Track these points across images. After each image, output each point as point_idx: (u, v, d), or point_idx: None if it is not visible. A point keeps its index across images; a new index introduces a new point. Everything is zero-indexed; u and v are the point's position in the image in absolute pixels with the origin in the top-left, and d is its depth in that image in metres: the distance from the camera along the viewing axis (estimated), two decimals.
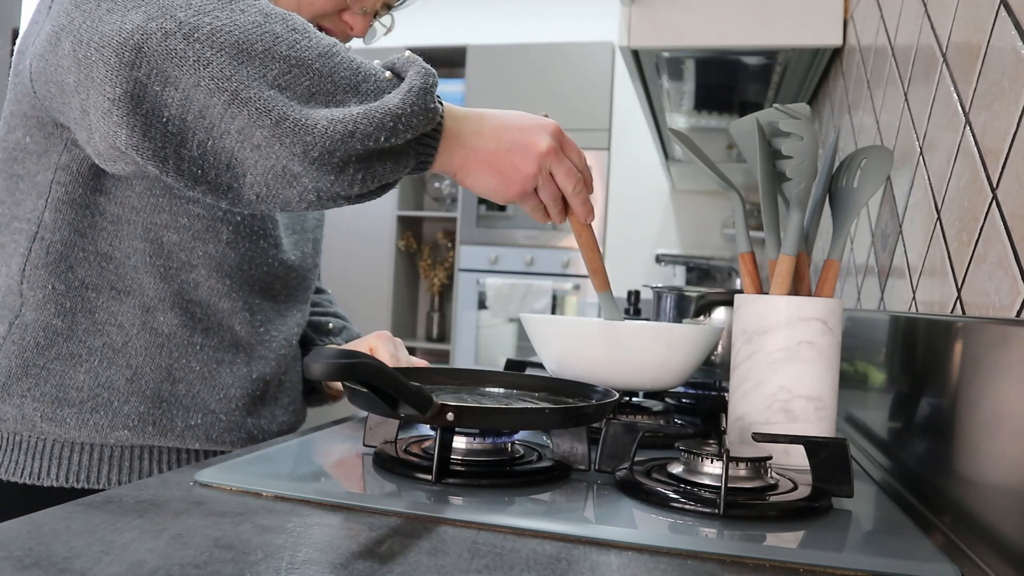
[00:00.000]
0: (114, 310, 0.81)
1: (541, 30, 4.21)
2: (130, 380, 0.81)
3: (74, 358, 0.80)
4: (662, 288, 1.17)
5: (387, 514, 0.52)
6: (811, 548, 0.50)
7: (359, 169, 0.64)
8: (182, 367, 0.83)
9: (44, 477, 0.80)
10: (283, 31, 0.63)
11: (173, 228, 0.81)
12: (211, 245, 0.83)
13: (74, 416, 0.79)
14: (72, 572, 0.39)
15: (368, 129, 0.61)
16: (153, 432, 0.81)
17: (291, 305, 0.96)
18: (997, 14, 0.67)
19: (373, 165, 0.64)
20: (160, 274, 0.81)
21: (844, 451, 0.60)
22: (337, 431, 0.79)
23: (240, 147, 0.62)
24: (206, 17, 0.62)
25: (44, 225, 0.79)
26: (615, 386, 0.76)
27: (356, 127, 0.61)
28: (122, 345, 0.81)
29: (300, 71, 0.63)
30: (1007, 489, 0.51)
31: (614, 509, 0.56)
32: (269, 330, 0.90)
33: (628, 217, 4.10)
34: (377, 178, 0.65)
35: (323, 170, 0.62)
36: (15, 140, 0.80)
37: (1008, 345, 0.52)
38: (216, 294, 0.85)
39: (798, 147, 0.70)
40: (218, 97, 0.60)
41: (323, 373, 0.49)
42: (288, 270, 0.93)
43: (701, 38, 1.51)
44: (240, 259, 0.85)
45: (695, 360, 0.83)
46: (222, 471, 0.59)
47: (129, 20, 0.61)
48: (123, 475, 0.81)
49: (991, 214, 0.64)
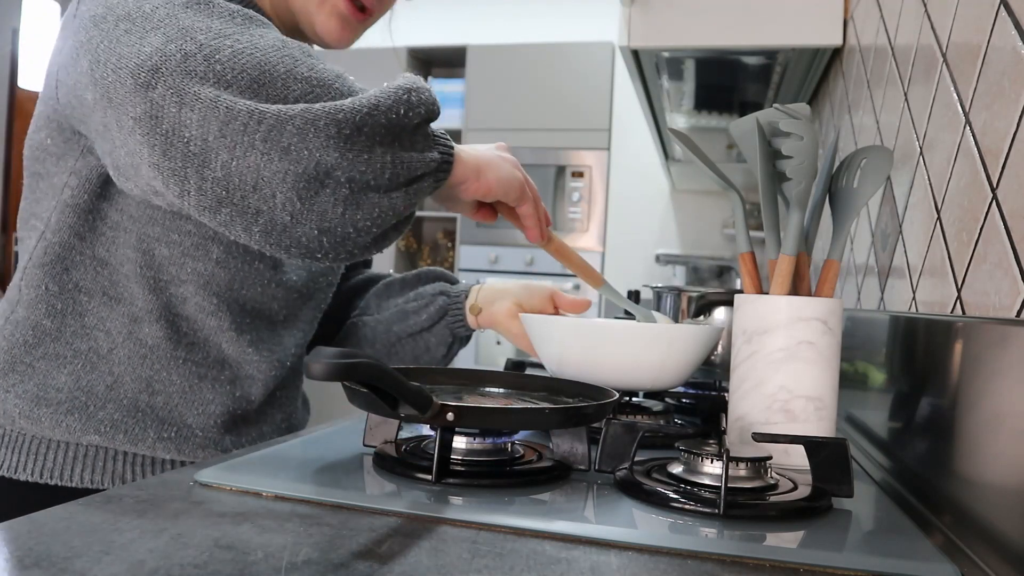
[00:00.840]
0: (103, 316, 0.81)
1: (541, 30, 4.21)
2: (110, 387, 0.81)
3: (59, 359, 0.81)
4: (662, 288, 1.17)
5: (387, 514, 0.52)
6: (811, 548, 0.50)
7: (386, 152, 0.64)
8: (162, 379, 0.83)
9: (20, 472, 0.81)
10: (300, 56, 0.65)
11: (164, 242, 0.80)
12: (200, 263, 0.81)
13: (49, 416, 0.80)
14: (72, 572, 0.39)
15: (387, 102, 0.64)
16: (124, 440, 0.81)
17: (291, 326, 0.94)
18: (997, 14, 0.67)
19: (397, 152, 0.65)
20: (149, 286, 0.81)
21: (844, 451, 0.60)
22: (337, 431, 0.79)
23: (267, 160, 0.60)
24: (227, 40, 0.62)
25: (48, 226, 0.80)
26: (615, 386, 0.76)
27: (378, 101, 0.63)
28: (107, 351, 0.81)
29: (322, 90, 0.63)
30: (1007, 489, 0.51)
31: (614, 509, 0.56)
32: (260, 350, 0.89)
33: (628, 217, 4.10)
34: (404, 166, 0.65)
35: (356, 150, 0.62)
36: (39, 140, 0.81)
37: (1008, 345, 0.52)
38: (203, 311, 0.83)
39: (798, 147, 0.70)
40: (238, 113, 0.60)
41: (323, 373, 0.49)
42: (288, 292, 0.91)
43: (701, 38, 1.51)
44: (230, 279, 0.84)
45: (695, 360, 0.83)
46: (222, 471, 0.59)
47: (148, 42, 0.61)
48: (96, 474, 0.81)
49: (991, 214, 0.64)
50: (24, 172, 0.84)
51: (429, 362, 1.07)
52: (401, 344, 1.06)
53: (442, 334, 1.04)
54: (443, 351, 1.06)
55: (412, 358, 1.06)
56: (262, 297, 0.88)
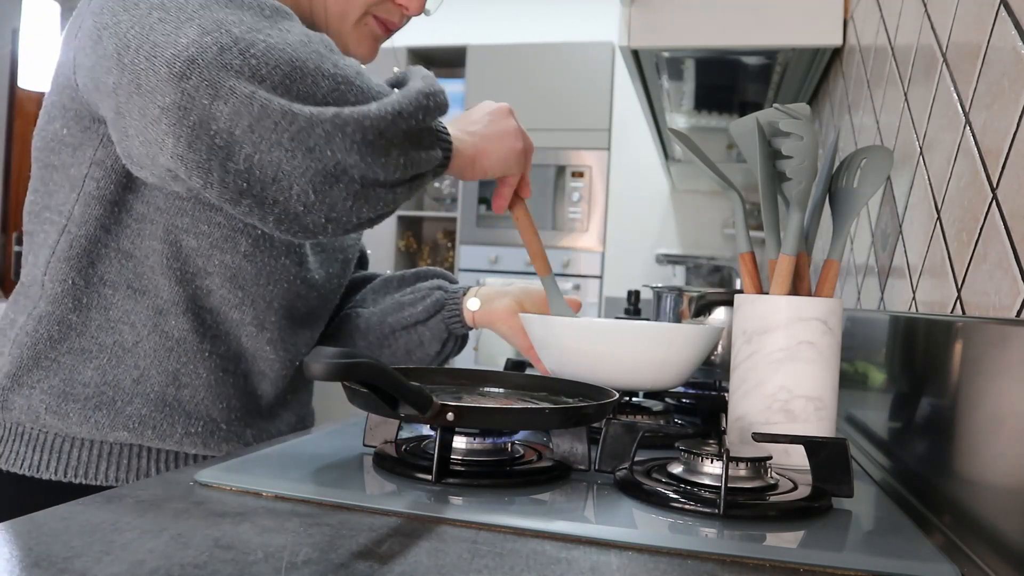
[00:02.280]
0: (128, 308, 0.81)
1: (541, 30, 4.21)
2: (136, 381, 0.81)
3: (84, 353, 0.80)
4: (662, 288, 1.17)
5: (387, 514, 0.52)
6: (811, 548, 0.50)
7: (400, 154, 0.67)
8: (189, 372, 0.83)
9: (43, 470, 0.80)
10: (325, 51, 0.67)
11: (193, 233, 0.80)
12: (228, 255, 0.82)
13: (77, 412, 0.79)
14: (72, 572, 0.39)
15: (410, 108, 0.67)
16: (152, 436, 0.81)
17: (308, 325, 0.94)
18: (997, 14, 0.67)
19: (409, 152, 0.68)
20: (176, 277, 0.81)
21: (844, 451, 0.60)
22: (337, 431, 0.79)
23: (290, 157, 0.62)
24: (260, 35, 0.63)
25: (72, 219, 0.79)
26: (615, 386, 0.76)
27: (401, 107, 0.66)
28: (132, 345, 0.81)
29: (347, 87, 0.66)
30: (1007, 489, 0.51)
31: (614, 509, 0.56)
32: (277, 349, 0.89)
33: (628, 217, 4.10)
34: (413, 164, 0.69)
35: (375, 154, 0.65)
36: (53, 131, 0.80)
37: (1008, 345, 0.52)
38: (227, 304, 0.84)
39: (798, 147, 0.70)
40: (272, 111, 0.61)
41: (323, 373, 0.49)
42: (310, 289, 0.91)
43: (701, 38, 1.51)
44: (257, 273, 0.84)
45: (695, 360, 0.83)
46: (222, 471, 0.59)
47: (184, 33, 0.61)
48: (121, 472, 0.81)
49: (991, 214, 0.64)
50: (34, 164, 0.83)
51: (422, 358, 1.06)
52: (395, 337, 1.05)
53: (437, 328, 1.03)
54: (437, 347, 1.05)
55: (404, 351, 1.05)
56: (287, 294, 0.88)
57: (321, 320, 0.98)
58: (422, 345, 1.04)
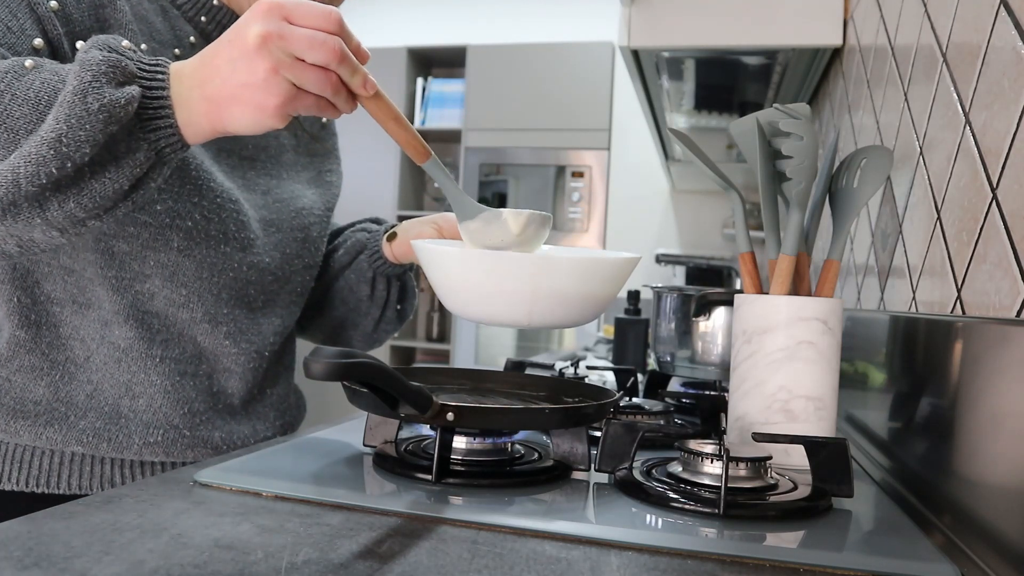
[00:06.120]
0: (77, 324, 0.79)
1: (541, 30, 4.21)
2: (90, 396, 0.79)
3: (35, 371, 0.79)
4: (662, 288, 1.17)
5: (387, 514, 0.52)
6: (811, 548, 0.50)
7: (65, 199, 0.60)
8: (141, 381, 0.80)
9: (5, 481, 0.79)
10: None
11: (122, 237, 0.77)
12: (162, 254, 0.79)
13: (28, 429, 0.78)
14: (72, 572, 0.39)
15: (30, 169, 0.57)
16: (108, 448, 0.79)
17: (269, 311, 0.91)
18: (997, 14, 0.67)
19: (84, 189, 0.61)
20: (113, 286, 0.78)
21: (844, 451, 0.60)
22: (337, 431, 0.79)
23: None
24: None
25: None
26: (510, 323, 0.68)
27: (15, 175, 0.58)
28: (84, 360, 0.80)
29: None
30: (1007, 489, 0.51)
31: (614, 509, 0.56)
32: (238, 342, 0.86)
33: (628, 217, 4.10)
34: (96, 195, 0.61)
35: (23, 220, 0.60)
36: None
37: (1008, 345, 0.52)
38: (173, 304, 0.81)
39: (798, 147, 0.70)
40: None
41: (323, 373, 0.49)
42: (262, 274, 0.88)
43: (701, 38, 1.51)
44: (197, 267, 0.81)
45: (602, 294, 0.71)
46: (222, 471, 0.59)
47: None
48: (84, 480, 0.80)
49: (991, 214, 0.64)
50: None
51: (357, 306, 1.01)
52: (332, 290, 1.01)
53: (360, 269, 0.99)
54: (367, 290, 0.99)
55: (340, 300, 1.01)
56: (236, 283, 0.85)
57: (285, 304, 0.93)
58: (352, 291, 1.01)
